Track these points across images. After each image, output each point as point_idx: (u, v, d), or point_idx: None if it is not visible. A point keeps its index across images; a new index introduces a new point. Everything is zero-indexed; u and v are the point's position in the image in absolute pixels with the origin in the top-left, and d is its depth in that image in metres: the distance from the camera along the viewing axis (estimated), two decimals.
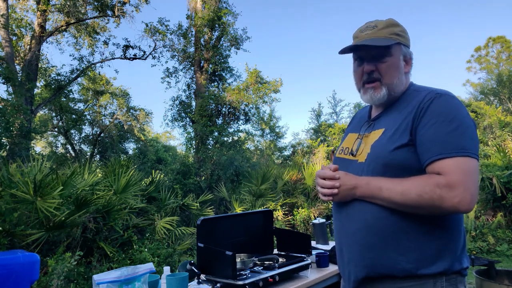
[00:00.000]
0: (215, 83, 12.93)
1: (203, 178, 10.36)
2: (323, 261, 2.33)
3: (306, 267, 2.14)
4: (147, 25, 12.47)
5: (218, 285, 1.83)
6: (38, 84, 12.87)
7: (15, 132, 8.93)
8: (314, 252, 2.40)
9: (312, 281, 2.07)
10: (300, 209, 8.20)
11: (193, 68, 12.81)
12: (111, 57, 13.34)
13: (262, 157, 17.98)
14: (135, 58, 13.28)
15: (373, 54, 1.29)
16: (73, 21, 12.10)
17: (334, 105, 20.84)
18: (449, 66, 54.55)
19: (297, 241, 2.34)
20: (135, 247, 5.20)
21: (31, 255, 2.37)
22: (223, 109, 12.09)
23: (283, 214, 8.05)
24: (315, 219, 3.13)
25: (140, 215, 6.22)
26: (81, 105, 16.44)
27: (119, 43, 13.25)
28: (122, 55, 13.17)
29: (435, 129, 1.14)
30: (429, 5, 52.44)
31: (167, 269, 1.96)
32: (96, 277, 1.61)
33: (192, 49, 12.74)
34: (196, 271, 1.90)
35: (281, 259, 2.20)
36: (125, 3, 12.43)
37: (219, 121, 12.13)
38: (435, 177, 1.10)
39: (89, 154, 16.55)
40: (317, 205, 8.36)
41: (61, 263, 3.84)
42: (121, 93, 17.58)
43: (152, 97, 50.78)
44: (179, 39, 12.76)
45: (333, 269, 2.27)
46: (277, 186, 8.72)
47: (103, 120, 17.26)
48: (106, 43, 13.23)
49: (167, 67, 13.55)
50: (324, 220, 3.08)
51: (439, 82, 54.11)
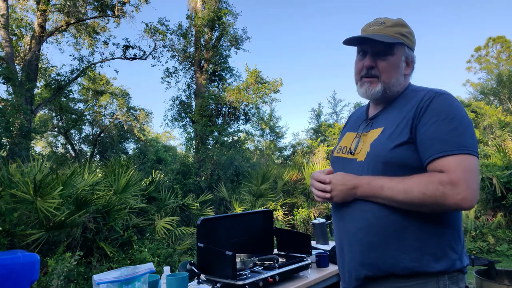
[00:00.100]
0: (215, 83, 12.93)
1: (203, 178, 10.36)
2: (323, 261, 2.33)
3: (306, 267, 2.14)
4: (147, 25, 12.48)
5: (218, 285, 1.83)
6: (38, 84, 12.87)
7: (15, 132, 8.93)
8: (314, 252, 2.40)
9: (312, 281, 2.07)
10: (300, 209, 8.20)
11: (193, 68, 12.81)
12: (111, 57, 13.35)
13: (262, 157, 17.98)
14: (135, 58, 13.28)
15: (376, 49, 1.30)
16: (73, 21, 12.10)
17: (334, 105, 20.84)
18: (449, 66, 54.59)
19: (297, 241, 2.34)
20: (135, 247, 5.20)
21: (31, 255, 2.37)
22: (223, 109, 12.09)
23: (283, 214, 8.05)
24: (315, 219, 3.13)
25: (140, 215, 6.22)
26: (81, 105, 16.46)
27: (119, 43, 13.27)
28: (122, 55, 13.18)
29: (436, 127, 1.15)
30: (429, 5, 52.46)
31: (167, 269, 1.96)
32: (96, 277, 1.61)
33: (192, 49, 12.75)
34: (196, 271, 1.90)
35: (281, 259, 2.20)
36: (125, 3, 12.43)
37: (219, 121, 12.12)
38: (438, 175, 1.11)
39: (89, 154, 16.55)
40: (317, 205, 8.36)
41: (61, 263, 3.84)
42: (121, 93, 17.58)
43: (152, 97, 50.83)
44: (179, 39, 12.76)
45: (333, 269, 2.27)
46: (277, 186, 8.72)
47: (103, 120, 17.27)
48: (106, 43, 13.23)
49: (167, 67, 13.56)
50: (324, 220, 3.08)
51: (439, 82, 54.12)
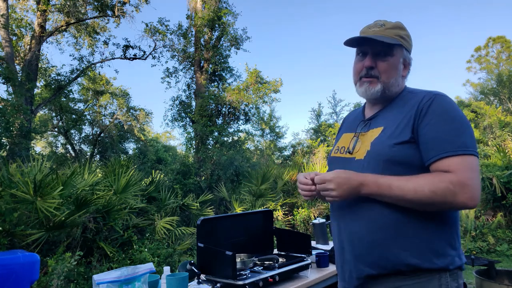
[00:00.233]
0: (215, 83, 12.93)
1: (203, 178, 10.36)
2: (323, 261, 2.33)
3: (306, 267, 2.14)
4: (147, 25, 12.48)
5: (218, 285, 1.83)
6: (38, 84, 12.87)
7: (15, 132, 8.93)
8: (314, 252, 2.40)
9: (312, 281, 2.07)
10: (300, 209, 8.20)
11: (193, 68, 12.81)
12: (111, 57, 13.35)
13: (262, 157, 17.98)
14: (135, 58, 13.28)
15: (376, 50, 1.31)
16: (73, 21, 12.10)
17: (334, 105, 20.80)
18: (449, 66, 54.64)
19: (297, 241, 2.34)
20: (135, 247, 5.20)
21: (31, 255, 2.37)
22: (223, 109, 12.09)
23: (283, 214, 8.05)
24: (315, 219, 3.13)
25: (140, 215, 6.22)
26: (81, 105, 16.46)
27: (119, 43, 13.27)
28: (122, 55, 13.18)
29: (439, 127, 1.17)
30: (429, 5, 52.48)
31: (167, 269, 1.96)
32: (96, 277, 1.61)
33: (192, 49, 12.75)
34: (196, 271, 1.90)
35: (281, 259, 2.20)
36: (125, 3, 12.43)
37: (219, 121, 12.12)
38: (447, 175, 1.12)
39: (89, 154, 16.55)
40: (317, 205, 8.36)
41: (61, 263, 3.84)
42: (121, 93, 17.58)
43: (152, 97, 50.83)
44: (179, 39, 12.76)
45: (333, 269, 2.27)
46: (277, 186, 8.72)
47: (103, 120, 17.27)
48: (106, 43, 13.23)
49: (167, 67, 13.56)
50: (324, 220, 3.08)
51: (439, 82, 54.10)
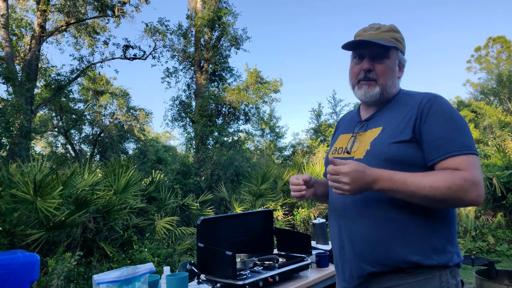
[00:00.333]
0: (215, 83, 12.94)
1: (203, 178, 10.36)
2: (323, 261, 2.33)
3: (306, 267, 2.14)
4: (147, 25, 12.48)
5: (218, 285, 1.83)
6: (38, 84, 12.87)
7: (15, 132, 8.93)
8: (314, 252, 2.40)
9: (312, 281, 2.07)
10: (300, 209, 8.20)
11: (193, 68, 12.81)
12: (111, 57, 13.35)
13: (262, 157, 17.98)
14: (135, 58, 13.28)
15: (373, 53, 1.33)
16: (73, 21, 12.10)
17: (334, 105, 20.77)
18: (449, 66, 54.65)
19: (297, 241, 2.34)
20: (135, 247, 5.20)
21: (31, 255, 2.37)
22: (223, 109, 12.09)
23: (283, 214, 8.05)
24: (315, 219, 3.13)
25: (140, 215, 6.22)
26: (81, 105, 16.47)
27: (119, 43, 13.29)
28: (122, 55, 13.18)
29: (443, 128, 1.19)
30: (429, 5, 52.49)
31: (167, 269, 1.96)
32: (96, 277, 1.61)
33: (192, 49, 12.75)
34: (196, 271, 1.90)
35: (281, 259, 2.20)
36: (125, 3, 12.43)
37: (219, 121, 12.13)
38: (459, 172, 1.13)
39: (89, 154, 16.55)
40: (317, 205, 8.36)
41: (61, 263, 3.84)
42: (121, 93, 17.59)
43: (152, 97, 50.85)
44: (179, 39, 12.77)
45: (333, 269, 2.27)
46: (277, 186, 8.71)
47: (103, 120, 17.27)
48: (106, 43, 13.24)
49: (167, 67, 13.58)
50: (324, 220, 3.08)
51: (439, 82, 54.10)
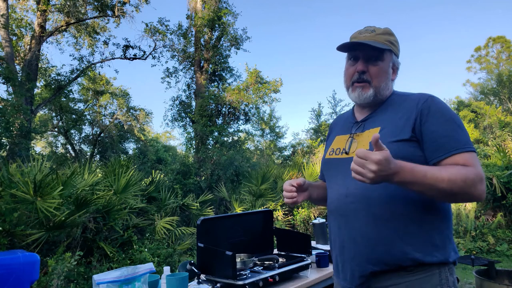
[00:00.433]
0: (215, 83, 12.94)
1: (203, 178, 10.36)
2: (323, 261, 2.33)
3: (306, 267, 2.14)
4: (147, 25, 12.48)
5: (218, 285, 1.83)
6: (38, 84, 12.87)
7: (15, 132, 8.93)
8: (314, 252, 2.40)
9: (312, 281, 2.07)
10: (300, 209, 8.19)
11: (193, 68, 12.81)
12: (111, 57, 13.35)
13: (262, 157, 17.99)
14: (135, 58, 13.28)
15: (367, 55, 1.34)
16: (73, 21, 12.09)
17: (334, 105, 20.74)
18: (449, 66, 54.66)
19: (297, 241, 2.34)
20: (135, 247, 5.20)
21: (31, 255, 2.37)
22: (223, 109, 12.09)
23: (283, 214, 8.05)
24: (315, 219, 3.13)
25: (140, 215, 6.22)
26: (81, 105, 16.47)
27: (119, 43, 13.29)
28: (122, 55, 13.18)
29: (443, 127, 1.21)
30: (429, 5, 52.49)
31: (167, 269, 1.96)
32: (96, 277, 1.61)
33: (192, 49, 12.75)
34: (196, 271, 1.90)
35: (281, 259, 2.20)
36: (125, 3, 12.43)
37: (219, 121, 12.13)
38: (470, 168, 1.15)
39: (89, 154, 16.55)
40: (317, 205, 8.35)
41: (61, 263, 3.84)
42: (121, 93, 17.59)
43: (152, 97, 50.85)
44: (179, 39, 12.77)
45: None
46: (277, 186, 8.71)
47: (103, 120, 17.27)
48: (106, 43, 13.23)
49: (167, 67, 13.58)
50: (324, 220, 3.07)
51: (439, 82, 54.11)
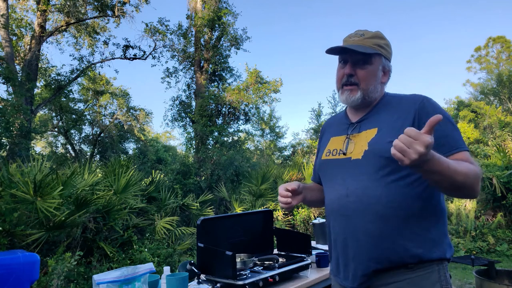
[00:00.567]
0: (215, 83, 12.94)
1: (203, 178, 10.36)
2: (323, 261, 2.33)
3: (306, 267, 2.14)
4: (147, 25, 12.48)
5: (218, 285, 1.83)
6: (38, 84, 12.87)
7: (15, 132, 8.93)
8: (314, 252, 2.40)
9: (312, 281, 2.07)
10: (300, 209, 8.20)
11: (193, 68, 12.81)
12: (111, 57, 13.35)
13: (262, 157, 17.99)
14: (135, 58, 13.28)
15: (355, 59, 1.38)
16: (73, 21, 12.09)
17: (334, 105, 20.70)
18: (449, 66, 54.66)
19: (297, 241, 2.34)
20: (135, 247, 5.20)
21: (31, 255, 2.37)
22: (223, 109, 12.09)
23: (283, 214, 8.04)
24: (315, 219, 3.13)
25: (140, 215, 6.22)
26: (81, 105, 16.47)
27: (119, 43, 13.29)
28: (122, 55, 13.18)
29: (442, 127, 1.22)
30: (429, 5, 52.50)
31: (167, 269, 1.96)
32: (96, 277, 1.61)
33: (192, 49, 12.75)
34: (196, 271, 1.90)
35: (281, 259, 2.20)
36: (125, 3, 12.43)
37: (219, 121, 12.13)
38: (474, 165, 1.17)
39: (89, 154, 16.55)
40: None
41: (61, 263, 3.84)
42: (121, 93, 17.59)
43: (152, 97, 50.83)
44: (179, 39, 12.77)
45: None
46: (277, 186, 8.70)
47: (103, 120, 17.27)
48: (106, 43, 13.23)
49: (167, 67, 13.58)
50: (324, 220, 3.07)
51: (439, 82, 54.11)
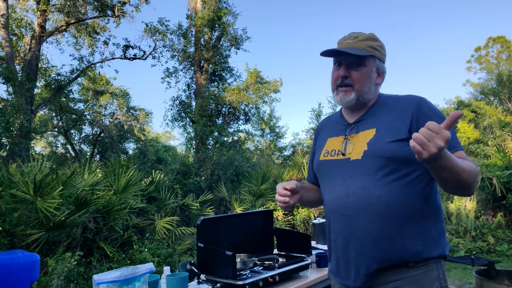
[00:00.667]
0: (215, 83, 12.94)
1: (203, 178, 10.36)
2: (323, 261, 2.33)
3: (306, 267, 2.14)
4: (147, 25, 12.48)
5: (218, 285, 1.83)
6: (38, 84, 12.86)
7: (15, 132, 8.93)
8: (314, 252, 2.40)
9: (312, 281, 2.07)
10: (300, 209, 8.20)
11: (193, 68, 12.81)
12: (111, 57, 13.35)
13: (262, 157, 17.99)
14: (135, 58, 13.28)
15: (350, 61, 1.39)
16: (73, 21, 12.09)
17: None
18: (449, 66, 54.65)
19: (297, 241, 2.34)
20: (135, 247, 5.20)
21: (31, 255, 2.37)
22: (223, 109, 12.09)
23: (283, 214, 8.05)
24: (315, 219, 3.12)
25: (140, 215, 6.22)
26: (81, 105, 16.47)
27: (119, 43, 13.29)
28: (122, 55, 13.18)
29: None
30: (429, 5, 52.51)
31: (167, 269, 1.96)
32: (96, 277, 1.61)
33: (192, 49, 12.75)
34: (196, 271, 1.90)
35: (281, 259, 2.20)
36: (125, 3, 12.43)
37: (219, 121, 12.12)
38: (473, 163, 1.20)
39: (89, 154, 16.55)
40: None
41: (61, 263, 3.84)
42: (121, 93, 17.59)
43: (152, 97, 50.83)
44: (179, 39, 12.77)
45: None
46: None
47: (103, 120, 17.27)
48: (106, 43, 13.23)
49: (167, 67, 13.58)
50: (324, 220, 3.07)
51: (439, 82, 54.11)
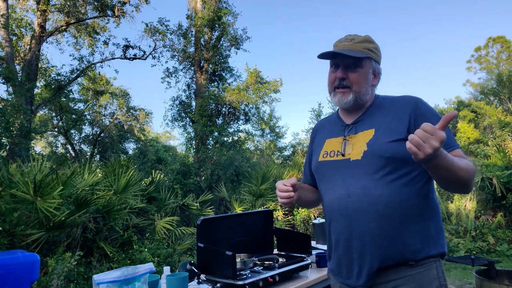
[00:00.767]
0: (215, 83, 12.93)
1: (203, 178, 10.36)
2: (323, 261, 2.33)
3: (306, 267, 2.14)
4: (147, 25, 12.48)
5: (218, 285, 1.83)
6: (38, 84, 12.86)
7: (15, 132, 8.93)
8: (314, 252, 2.40)
9: (312, 281, 2.07)
10: (300, 209, 8.20)
11: (193, 68, 12.81)
12: (111, 57, 13.35)
13: (262, 157, 17.99)
14: (135, 58, 13.28)
15: (347, 63, 1.41)
16: (73, 21, 12.09)
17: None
18: (449, 66, 54.65)
19: (297, 241, 2.34)
20: (135, 247, 5.20)
21: (31, 255, 2.37)
22: (223, 109, 12.09)
23: (283, 214, 8.05)
24: (315, 219, 3.13)
25: (140, 215, 6.22)
26: (81, 105, 16.47)
27: (119, 43, 13.28)
28: (122, 55, 13.18)
29: None
30: (429, 5, 52.50)
31: (167, 269, 1.96)
32: (96, 277, 1.61)
33: (192, 49, 12.75)
34: (196, 271, 1.90)
35: (281, 259, 2.20)
36: (125, 3, 12.43)
37: (219, 121, 12.12)
38: (470, 161, 1.22)
39: (89, 154, 16.55)
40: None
41: (61, 263, 3.84)
42: (121, 93, 17.59)
43: (152, 97, 50.83)
44: (179, 39, 12.76)
45: None
46: None
47: (103, 120, 17.27)
48: (106, 43, 13.23)
49: (167, 67, 13.58)
50: (324, 220, 3.07)
51: (439, 82, 54.12)
